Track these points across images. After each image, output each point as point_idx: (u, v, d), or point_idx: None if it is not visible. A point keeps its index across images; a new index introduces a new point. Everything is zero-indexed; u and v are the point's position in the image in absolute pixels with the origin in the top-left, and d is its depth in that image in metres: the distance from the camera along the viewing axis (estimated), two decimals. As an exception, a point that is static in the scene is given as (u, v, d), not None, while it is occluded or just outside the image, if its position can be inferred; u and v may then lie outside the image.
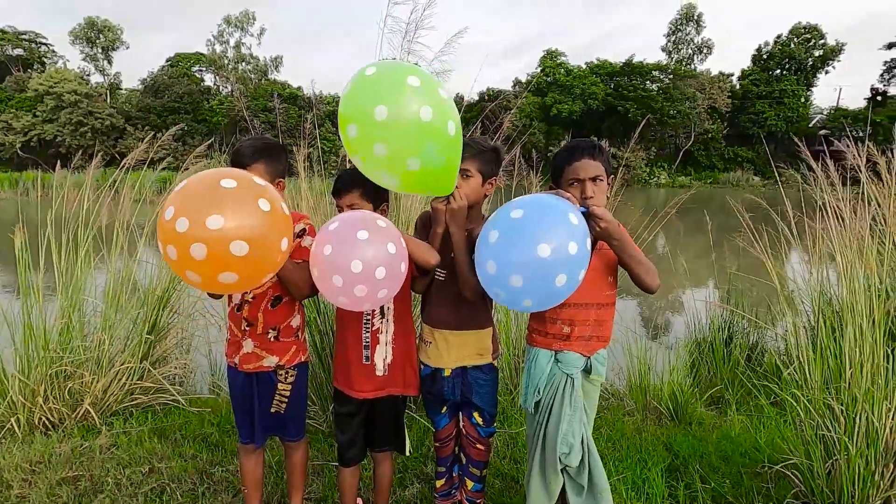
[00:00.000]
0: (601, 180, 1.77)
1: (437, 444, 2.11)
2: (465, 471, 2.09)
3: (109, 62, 43.04)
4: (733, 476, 2.52)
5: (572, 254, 1.51)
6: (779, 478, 2.39)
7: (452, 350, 1.95)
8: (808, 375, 2.25)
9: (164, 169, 4.23)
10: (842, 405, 2.08)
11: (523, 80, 38.87)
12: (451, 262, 1.89)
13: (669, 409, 3.27)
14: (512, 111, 3.65)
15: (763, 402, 3.12)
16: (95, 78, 42.30)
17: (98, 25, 41.73)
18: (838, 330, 2.22)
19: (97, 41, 41.95)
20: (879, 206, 2.54)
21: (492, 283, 1.60)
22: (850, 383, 2.07)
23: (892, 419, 1.98)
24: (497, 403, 2.07)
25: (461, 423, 2.06)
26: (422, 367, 2.02)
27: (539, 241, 1.49)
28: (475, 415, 2.01)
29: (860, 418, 2.02)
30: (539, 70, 37.64)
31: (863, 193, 2.57)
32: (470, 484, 2.08)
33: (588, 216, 1.64)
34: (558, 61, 37.53)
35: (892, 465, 1.98)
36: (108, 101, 38.43)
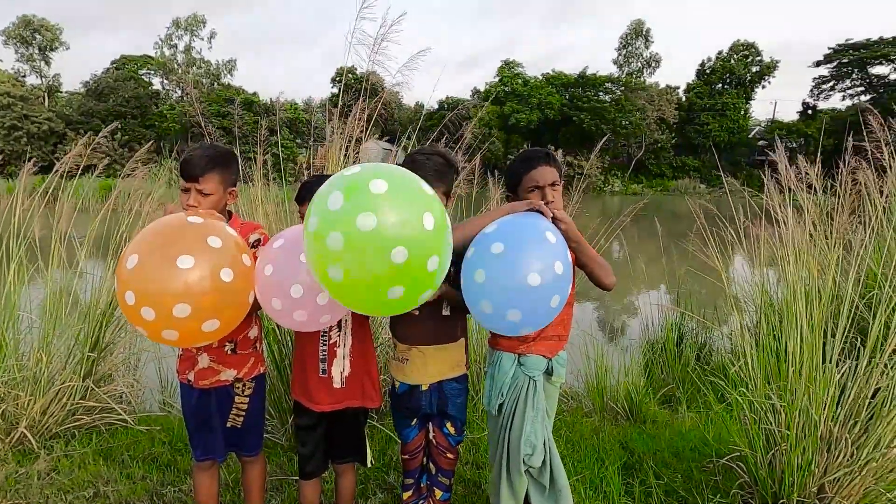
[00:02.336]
0: (558, 185, 1.84)
1: (405, 457, 2.08)
2: (433, 481, 2.07)
3: (47, 63, 40.54)
4: (684, 471, 2.63)
5: (560, 273, 1.54)
6: (726, 470, 2.51)
7: (430, 365, 1.93)
8: (751, 373, 2.39)
9: (107, 176, 4.03)
10: (781, 400, 2.22)
11: (482, 89, 39.48)
12: None
13: (625, 409, 3.38)
14: (473, 122, 3.72)
15: (711, 399, 3.28)
16: (32, 80, 39.82)
17: (34, 24, 39.32)
18: (778, 329, 2.37)
19: (33, 41, 39.50)
20: (808, 213, 2.73)
21: (491, 321, 1.60)
22: (791, 380, 2.21)
23: (826, 412, 2.13)
24: (466, 410, 2.08)
25: (431, 434, 2.04)
26: (398, 384, 1.99)
27: (528, 272, 1.50)
28: (447, 425, 2.00)
29: (798, 412, 2.16)
30: (497, 79, 38.35)
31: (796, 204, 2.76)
32: (438, 493, 2.07)
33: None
34: (515, 71, 38.38)
35: (825, 455, 2.12)
36: (46, 104, 36.23)
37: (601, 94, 37.33)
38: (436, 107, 31.76)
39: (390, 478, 2.59)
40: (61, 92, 40.76)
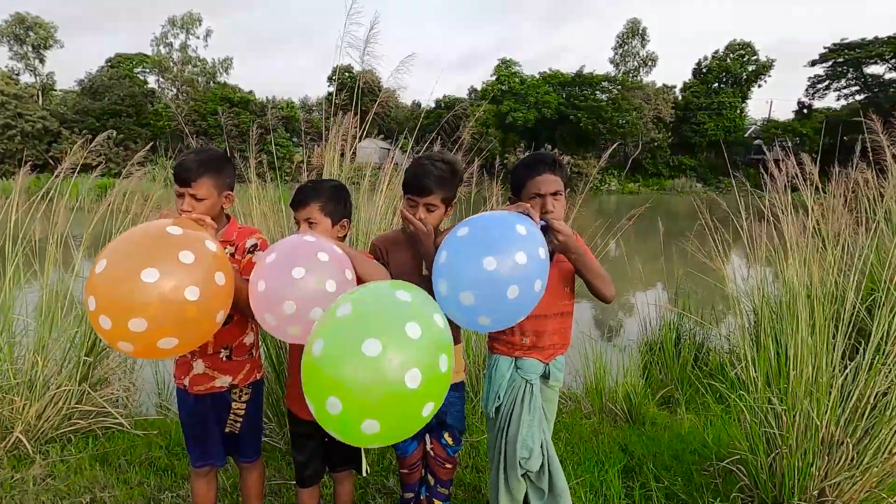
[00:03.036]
0: (560, 195, 1.82)
1: (404, 471, 2.05)
2: (432, 492, 2.05)
3: (41, 61, 40.27)
4: (684, 473, 2.62)
5: (521, 263, 1.47)
6: (726, 473, 2.51)
7: None
8: (751, 375, 2.38)
9: (103, 175, 3.99)
10: (782, 403, 2.21)
11: (479, 88, 39.48)
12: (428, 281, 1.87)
13: (624, 411, 3.38)
14: (471, 121, 3.71)
15: (710, 401, 3.27)
16: (26, 78, 39.54)
17: (28, 22, 39.02)
18: (778, 331, 2.36)
19: (27, 39, 39.19)
20: (811, 212, 2.72)
21: (447, 305, 1.54)
22: (791, 384, 2.20)
23: (827, 416, 2.12)
24: (465, 418, 2.06)
25: (429, 446, 2.01)
26: None
27: (484, 255, 1.46)
28: (445, 435, 1.98)
29: (799, 415, 2.15)
30: (494, 78, 38.35)
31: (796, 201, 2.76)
32: (438, 503, 2.06)
33: (547, 230, 1.67)
34: (512, 70, 38.37)
35: (826, 458, 2.12)
36: (41, 102, 35.97)
37: (598, 93, 37.37)
38: (433, 105, 31.77)
39: (390, 482, 2.57)
40: (55, 90, 40.50)
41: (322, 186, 1.88)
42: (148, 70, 40.07)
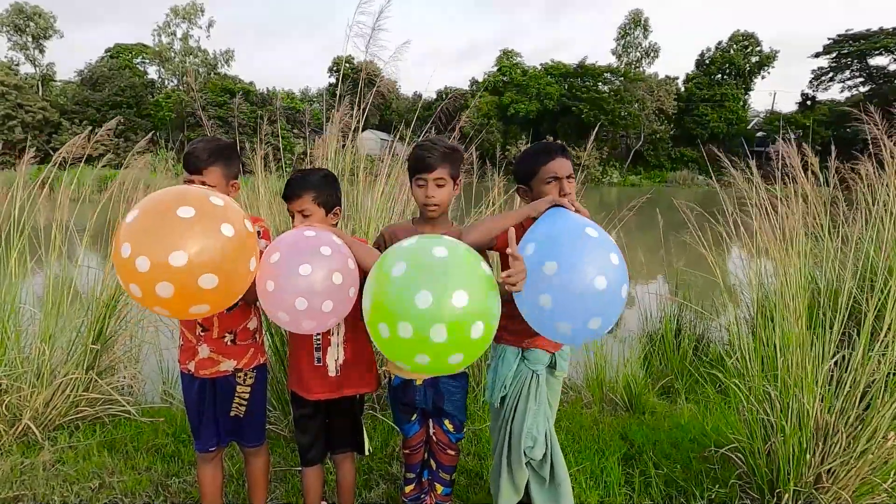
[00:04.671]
0: (572, 178, 1.84)
1: (406, 451, 2.09)
2: (434, 476, 2.09)
3: (41, 52, 40.11)
4: (683, 461, 2.66)
5: (616, 264, 1.50)
6: (724, 460, 2.54)
7: None
8: (748, 364, 2.41)
9: (104, 166, 4.00)
10: (778, 391, 2.24)
11: (480, 79, 39.25)
12: None
13: (625, 400, 3.41)
14: (468, 109, 3.74)
15: (709, 391, 3.31)
16: (25, 68, 39.39)
17: (27, 12, 38.80)
18: (775, 320, 2.39)
19: (26, 29, 38.98)
20: (810, 202, 2.74)
21: (575, 338, 1.54)
22: (781, 371, 2.23)
23: (820, 403, 2.15)
24: (466, 409, 2.10)
25: (432, 430, 2.05)
26: (393, 377, 2.00)
27: (593, 278, 1.45)
28: (446, 422, 2.01)
29: (794, 403, 2.19)
30: (496, 69, 38.11)
31: (794, 192, 2.77)
32: (440, 488, 2.09)
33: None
34: (514, 61, 38.12)
35: (821, 445, 2.15)
36: (41, 93, 35.86)
37: (600, 84, 37.15)
38: (434, 97, 31.61)
39: (393, 468, 2.62)
40: (55, 81, 40.34)
41: (312, 177, 1.90)
42: (147, 61, 39.89)
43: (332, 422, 2.02)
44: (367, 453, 2.10)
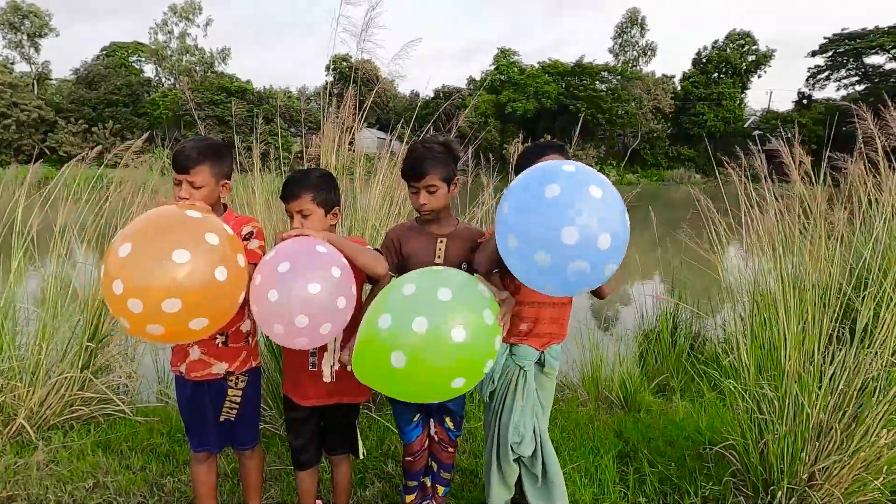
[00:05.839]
0: None
1: (408, 458, 2.06)
2: (436, 477, 2.09)
3: (36, 50, 39.84)
4: (678, 459, 2.67)
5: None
6: (718, 458, 2.55)
7: None
8: (743, 363, 2.42)
9: (99, 165, 3.98)
10: (773, 390, 2.25)
11: (478, 78, 39.24)
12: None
13: (620, 398, 3.42)
14: (466, 109, 3.71)
15: (704, 389, 3.32)
16: (21, 67, 39.14)
17: (23, 10, 38.56)
18: (770, 319, 2.40)
19: (22, 27, 38.74)
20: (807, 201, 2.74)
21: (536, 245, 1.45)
22: (781, 370, 2.24)
23: (818, 402, 2.16)
24: (465, 405, 2.10)
25: (433, 430, 2.04)
26: None
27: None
28: (447, 419, 2.01)
29: (788, 401, 2.19)
30: (493, 68, 38.08)
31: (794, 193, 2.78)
32: (441, 489, 2.09)
33: None
34: (512, 60, 38.10)
35: (815, 443, 2.16)
36: (36, 91, 35.67)
37: (597, 83, 37.17)
38: (432, 95, 31.57)
39: (388, 467, 2.62)
40: (51, 79, 40.13)
41: (311, 177, 1.88)
42: (143, 59, 39.71)
43: (327, 427, 2.01)
44: (361, 456, 2.09)
